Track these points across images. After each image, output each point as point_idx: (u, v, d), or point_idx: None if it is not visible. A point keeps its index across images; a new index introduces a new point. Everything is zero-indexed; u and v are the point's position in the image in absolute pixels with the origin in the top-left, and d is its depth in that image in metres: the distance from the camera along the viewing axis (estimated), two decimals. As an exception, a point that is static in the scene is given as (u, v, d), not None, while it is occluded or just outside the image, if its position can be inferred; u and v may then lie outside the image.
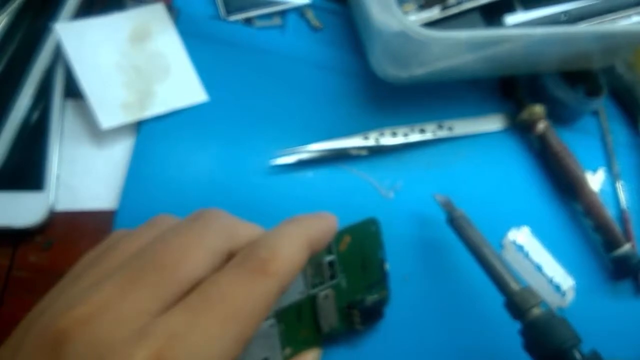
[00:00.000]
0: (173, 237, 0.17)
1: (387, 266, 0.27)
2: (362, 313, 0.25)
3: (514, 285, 0.25)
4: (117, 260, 0.17)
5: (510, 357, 0.28)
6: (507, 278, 0.25)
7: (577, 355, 0.23)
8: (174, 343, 0.14)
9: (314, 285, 0.24)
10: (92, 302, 0.15)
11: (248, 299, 0.16)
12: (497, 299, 0.26)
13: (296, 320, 0.23)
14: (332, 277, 0.24)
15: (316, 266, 0.24)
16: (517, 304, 0.24)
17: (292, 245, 0.17)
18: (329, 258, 0.24)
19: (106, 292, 0.15)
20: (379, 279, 0.26)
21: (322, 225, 0.20)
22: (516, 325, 0.25)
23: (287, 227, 0.19)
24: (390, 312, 0.27)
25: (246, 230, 0.19)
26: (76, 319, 0.15)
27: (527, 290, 0.25)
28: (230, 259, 0.17)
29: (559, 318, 0.24)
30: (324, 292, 0.24)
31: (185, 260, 0.16)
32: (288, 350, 0.23)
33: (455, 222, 0.28)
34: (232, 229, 0.18)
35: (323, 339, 0.24)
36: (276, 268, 0.16)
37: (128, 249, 0.17)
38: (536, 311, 0.24)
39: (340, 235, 0.25)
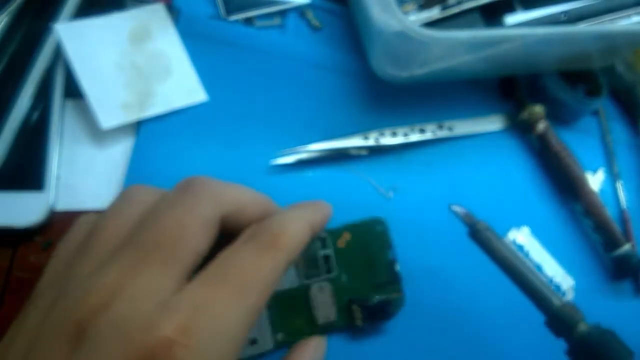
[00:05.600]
0: (167, 212, 0.17)
1: (398, 267, 0.27)
2: (363, 309, 0.25)
3: (556, 301, 0.23)
4: (110, 242, 0.17)
5: (509, 357, 0.28)
6: (549, 294, 0.24)
7: None
8: (198, 314, 0.15)
9: (308, 277, 0.25)
10: (104, 286, 0.15)
11: (261, 271, 0.17)
12: (497, 300, 0.26)
13: (288, 308, 0.25)
14: (329, 271, 0.25)
15: (310, 259, 0.25)
16: (562, 320, 0.23)
17: (298, 224, 0.19)
18: (323, 252, 0.25)
19: (115, 275, 0.15)
20: (388, 280, 0.27)
21: (322, 210, 0.22)
22: (516, 327, 0.25)
23: (293, 210, 0.20)
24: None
25: (234, 193, 0.19)
26: (93, 305, 0.15)
27: (569, 305, 0.23)
28: (222, 224, 0.18)
29: (609, 331, 0.23)
30: (319, 284, 0.25)
31: (184, 236, 0.17)
32: (280, 336, 0.24)
33: (480, 234, 0.26)
34: (221, 195, 0.19)
35: (321, 331, 0.25)
36: (285, 241, 0.18)
37: (116, 229, 0.17)
38: (583, 326, 0.23)
39: (339, 231, 0.26)
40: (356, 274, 0.26)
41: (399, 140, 0.32)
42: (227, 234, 0.19)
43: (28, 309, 0.17)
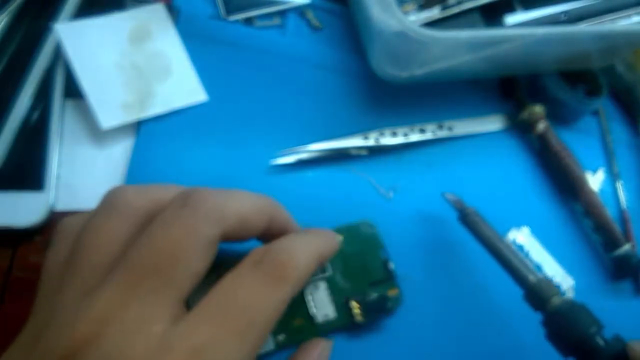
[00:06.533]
0: (163, 231, 0.16)
1: (392, 265, 0.27)
2: (362, 305, 0.26)
3: (532, 277, 0.25)
4: (100, 260, 0.16)
5: (513, 357, 0.28)
6: (525, 270, 0.25)
7: (600, 341, 0.23)
8: (197, 358, 0.14)
9: None
10: (94, 315, 0.14)
11: (266, 306, 0.16)
12: (497, 298, 0.26)
13: (286, 308, 0.24)
14: (322, 270, 0.26)
15: None
16: (537, 294, 0.24)
17: (307, 253, 0.18)
18: None
19: (105, 302, 0.14)
20: (383, 278, 0.27)
21: (331, 241, 0.21)
22: (521, 322, 0.25)
23: (303, 236, 0.19)
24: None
25: (236, 204, 0.18)
26: (82, 335, 0.14)
27: (545, 280, 0.25)
28: (224, 238, 0.17)
29: (579, 305, 0.24)
30: (314, 283, 0.25)
31: (181, 258, 0.15)
32: (282, 337, 0.24)
33: (468, 218, 0.27)
34: (222, 209, 0.17)
35: (321, 330, 0.25)
36: (293, 273, 0.17)
37: (106, 245, 0.16)
38: (556, 300, 0.24)
39: None
40: (351, 274, 0.26)
41: (399, 140, 0.32)
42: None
43: (22, 332, 0.16)
